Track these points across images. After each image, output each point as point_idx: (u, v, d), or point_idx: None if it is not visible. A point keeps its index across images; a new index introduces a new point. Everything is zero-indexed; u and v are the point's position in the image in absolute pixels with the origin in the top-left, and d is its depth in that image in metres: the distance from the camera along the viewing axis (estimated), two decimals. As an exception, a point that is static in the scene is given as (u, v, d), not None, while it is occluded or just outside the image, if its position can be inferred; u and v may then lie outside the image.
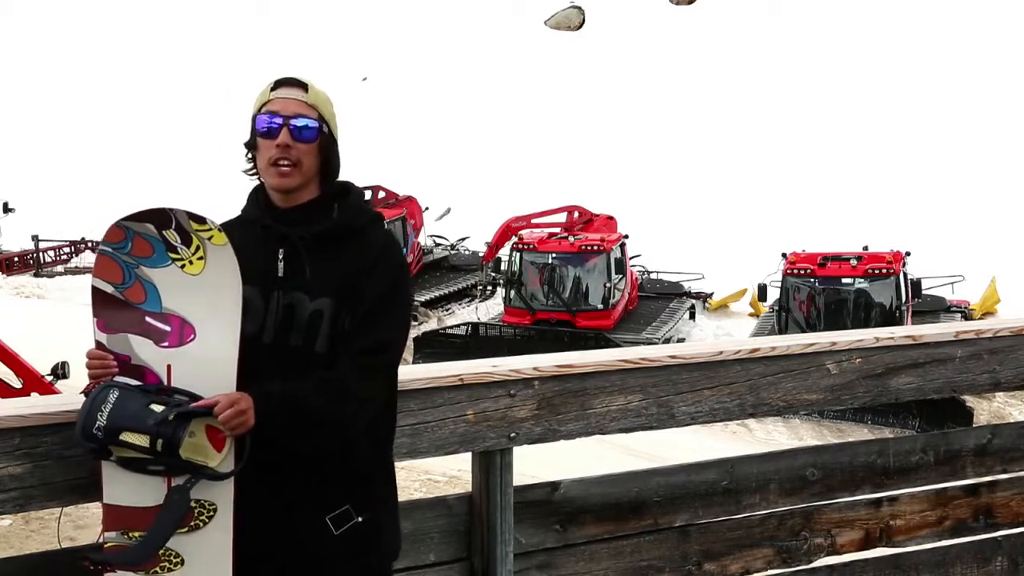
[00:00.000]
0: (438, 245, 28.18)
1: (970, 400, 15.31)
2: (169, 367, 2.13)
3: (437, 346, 19.02)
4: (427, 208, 26.81)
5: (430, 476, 7.85)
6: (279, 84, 2.28)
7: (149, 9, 62.95)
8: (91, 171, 43.28)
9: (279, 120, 2.22)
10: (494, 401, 2.67)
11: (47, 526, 5.78)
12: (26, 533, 5.79)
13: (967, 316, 20.75)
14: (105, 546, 2.12)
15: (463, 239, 28.42)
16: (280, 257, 2.24)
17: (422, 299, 23.02)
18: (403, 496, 2.46)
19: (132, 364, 2.13)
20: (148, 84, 54.92)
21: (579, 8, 59.66)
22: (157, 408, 2.04)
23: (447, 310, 23.85)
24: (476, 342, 19.00)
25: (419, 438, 2.59)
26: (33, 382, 6.69)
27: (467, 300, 24.52)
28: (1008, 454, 3.39)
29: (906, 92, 44.78)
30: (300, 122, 2.22)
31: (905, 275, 18.12)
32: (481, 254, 24.44)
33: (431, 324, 22.11)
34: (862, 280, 17.91)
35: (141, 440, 2.02)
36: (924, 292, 19.84)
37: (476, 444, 2.67)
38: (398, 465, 2.43)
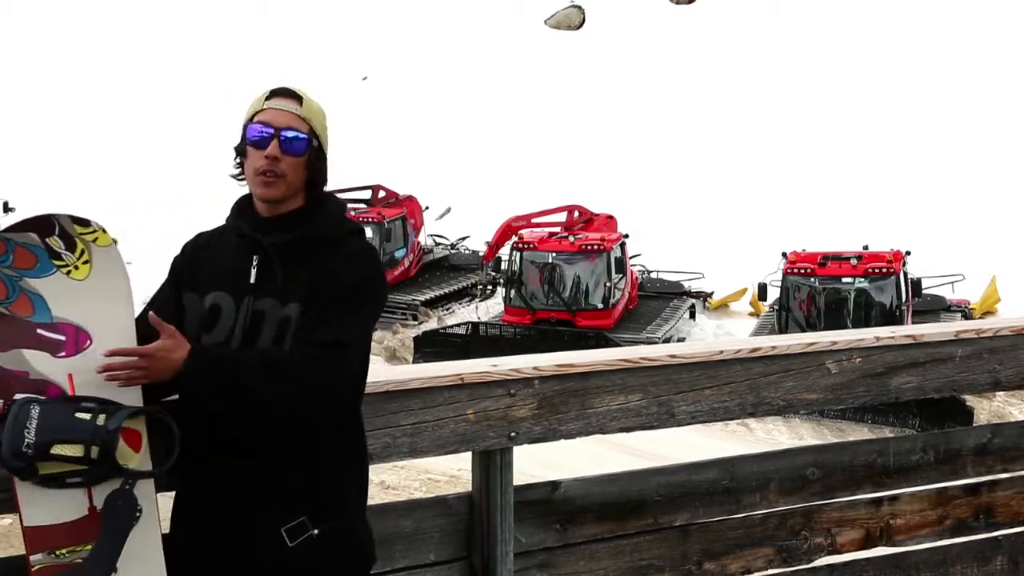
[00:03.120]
0: (438, 244, 28.16)
1: (970, 399, 15.31)
2: (71, 376, 2.07)
3: (437, 345, 19.05)
4: (427, 207, 26.80)
5: (430, 476, 7.85)
6: (274, 94, 2.28)
7: (149, 9, 62.97)
8: (90, 171, 43.25)
9: (270, 131, 2.22)
10: (494, 400, 2.67)
11: (47, 526, 5.76)
12: (26, 533, 5.78)
13: (967, 315, 20.72)
14: (35, 568, 2.04)
15: (463, 238, 28.39)
16: (254, 264, 2.23)
17: (422, 299, 23.05)
18: (403, 496, 2.46)
19: (31, 379, 2.05)
20: (148, 83, 54.90)
21: (579, 7, 59.62)
22: (85, 416, 1.98)
23: (447, 309, 23.85)
24: (476, 341, 19.01)
25: (419, 437, 2.59)
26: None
27: (467, 299, 24.49)
28: (1008, 453, 3.39)
29: (906, 92, 44.76)
30: (291, 134, 2.22)
31: (905, 274, 18.12)
32: (481, 253, 24.42)
33: (431, 323, 22.12)
34: (862, 279, 17.90)
35: (74, 451, 1.95)
36: (924, 291, 19.83)
37: (476, 443, 2.67)
38: (398, 464, 2.43)
